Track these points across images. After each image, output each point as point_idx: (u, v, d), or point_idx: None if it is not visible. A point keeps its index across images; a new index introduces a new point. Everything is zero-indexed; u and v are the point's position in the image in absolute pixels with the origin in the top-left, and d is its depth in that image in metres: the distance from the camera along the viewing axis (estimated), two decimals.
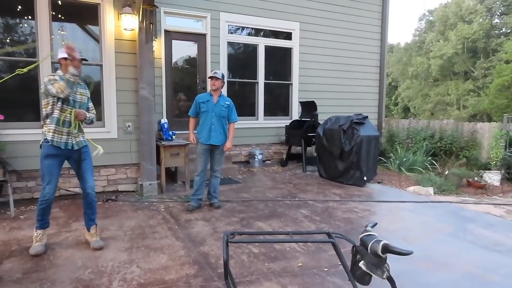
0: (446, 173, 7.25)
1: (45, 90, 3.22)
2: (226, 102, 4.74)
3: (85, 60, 3.44)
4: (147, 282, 2.83)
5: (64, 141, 3.33)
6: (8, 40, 5.11)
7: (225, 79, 5.05)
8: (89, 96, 3.63)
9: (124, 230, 3.97)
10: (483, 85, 26.26)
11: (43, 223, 3.40)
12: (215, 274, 2.98)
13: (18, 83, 5.20)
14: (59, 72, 3.41)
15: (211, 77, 4.68)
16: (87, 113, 3.50)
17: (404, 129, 9.73)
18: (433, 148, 8.77)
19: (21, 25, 5.24)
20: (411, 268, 3.09)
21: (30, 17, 5.02)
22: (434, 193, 6.08)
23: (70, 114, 3.32)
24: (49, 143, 3.28)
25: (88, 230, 3.56)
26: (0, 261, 3.15)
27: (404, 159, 7.97)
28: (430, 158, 8.23)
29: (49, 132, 3.29)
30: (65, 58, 3.30)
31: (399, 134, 9.52)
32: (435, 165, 8.09)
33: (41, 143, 3.35)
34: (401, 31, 59.04)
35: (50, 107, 3.29)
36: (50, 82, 3.20)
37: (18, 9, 5.06)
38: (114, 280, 2.86)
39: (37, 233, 3.38)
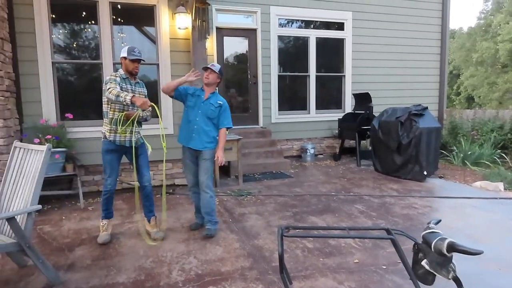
0: None
1: (104, 87, 3.37)
2: (219, 101, 3.79)
3: (142, 60, 3.57)
4: (204, 273, 2.91)
5: (118, 139, 3.50)
6: (74, 45, 5.53)
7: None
8: (146, 94, 3.74)
9: (181, 222, 4.13)
10: None
11: (107, 213, 3.66)
12: (270, 267, 3.00)
13: (84, 84, 5.62)
14: (120, 71, 3.56)
15: (205, 68, 3.77)
16: (142, 112, 3.56)
17: (469, 120, 9.07)
18: (502, 140, 8.08)
19: (85, 30, 5.62)
20: (479, 269, 2.87)
21: (93, 22, 5.37)
22: (505, 189, 5.58)
23: (122, 115, 3.44)
24: (107, 139, 3.50)
25: (149, 221, 3.77)
26: (73, 248, 3.44)
27: (469, 152, 7.42)
28: (499, 151, 7.58)
29: (107, 131, 3.50)
30: (125, 58, 3.47)
31: (463, 125, 8.89)
32: (505, 159, 7.44)
33: (102, 139, 3.56)
34: (464, 14, 54.81)
35: (105, 105, 3.47)
36: (110, 81, 3.34)
37: (82, 15, 5.44)
38: (174, 270, 2.98)
39: (103, 223, 3.64)
